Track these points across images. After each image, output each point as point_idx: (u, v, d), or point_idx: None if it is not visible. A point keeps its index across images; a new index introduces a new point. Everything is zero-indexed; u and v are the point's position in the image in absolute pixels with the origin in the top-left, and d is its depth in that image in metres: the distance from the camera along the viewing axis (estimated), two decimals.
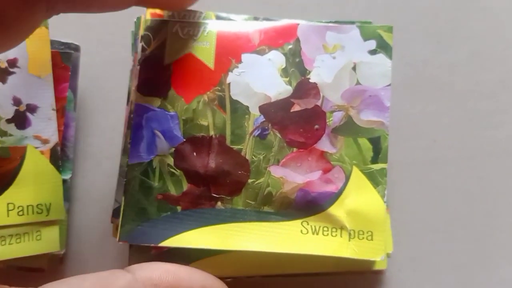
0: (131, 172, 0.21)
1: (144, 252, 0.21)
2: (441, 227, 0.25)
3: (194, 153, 0.21)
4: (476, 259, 0.25)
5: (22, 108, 0.22)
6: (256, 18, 0.22)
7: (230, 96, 0.21)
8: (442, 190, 0.25)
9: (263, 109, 0.21)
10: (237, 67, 0.21)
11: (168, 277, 0.18)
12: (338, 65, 0.21)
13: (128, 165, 0.21)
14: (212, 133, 0.21)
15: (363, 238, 0.20)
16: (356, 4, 0.27)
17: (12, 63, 0.22)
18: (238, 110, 0.21)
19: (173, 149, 0.21)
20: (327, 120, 0.21)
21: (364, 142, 0.21)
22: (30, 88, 0.22)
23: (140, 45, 0.22)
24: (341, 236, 0.20)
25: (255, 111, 0.21)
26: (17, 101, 0.22)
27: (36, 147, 0.22)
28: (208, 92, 0.21)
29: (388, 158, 0.21)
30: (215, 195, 0.21)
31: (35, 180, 0.22)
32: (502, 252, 0.25)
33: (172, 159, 0.21)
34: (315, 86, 0.21)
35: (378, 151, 0.21)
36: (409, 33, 0.27)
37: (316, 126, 0.21)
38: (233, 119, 0.21)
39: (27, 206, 0.22)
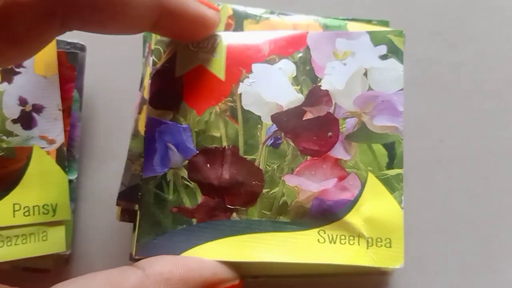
0: (146, 185, 0.21)
1: None
2: (447, 228, 0.25)
3: (208, 165, 0.21)
4: (483, 259, 0.24)
5: (28, 108, 0.22)
6: (272, 12, 0.22)
7: (241, 107, 0.21)
8: (449, 190, 0.25)
9: (275, 118, 0.21)
10: (248, 77, 0.21)
11: (178, 269, 0.18)
12: (349, 72, 0.21)
13: (142, 179, 0.21)
14: (225, 144, 0.21)
15: (381, 245, 0.20)
16: (362, 3, 0.27)
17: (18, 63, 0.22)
18: (250, 120, 0.21)
19: (187, 161, 0.21)
20: (340, 127, 0.21)
21: (378, 148, 0.21)
22: (36, 88, 0.22)
23: (151, 59, 0.22)
24: (359, 244, 0.20)
25: (267, 121, 0.21)
26: (23, 101, 0.22)
27: (42, 148, 0.22)
28: (220, 103, 0.21)
29: None
30: (230, 206, 0.20)
31: (41, 181, 0.22)
32: (508, 253, 0.24)
33: (186, 172, 0.21)
34: (326, 93, 0.21)
35: (393, 157, 0.20)
36: (414, 32, 0.27)
37: (330, 134, 0.21)
38: (246, 129, 0.21)
39: (33, 206, 0.21)
